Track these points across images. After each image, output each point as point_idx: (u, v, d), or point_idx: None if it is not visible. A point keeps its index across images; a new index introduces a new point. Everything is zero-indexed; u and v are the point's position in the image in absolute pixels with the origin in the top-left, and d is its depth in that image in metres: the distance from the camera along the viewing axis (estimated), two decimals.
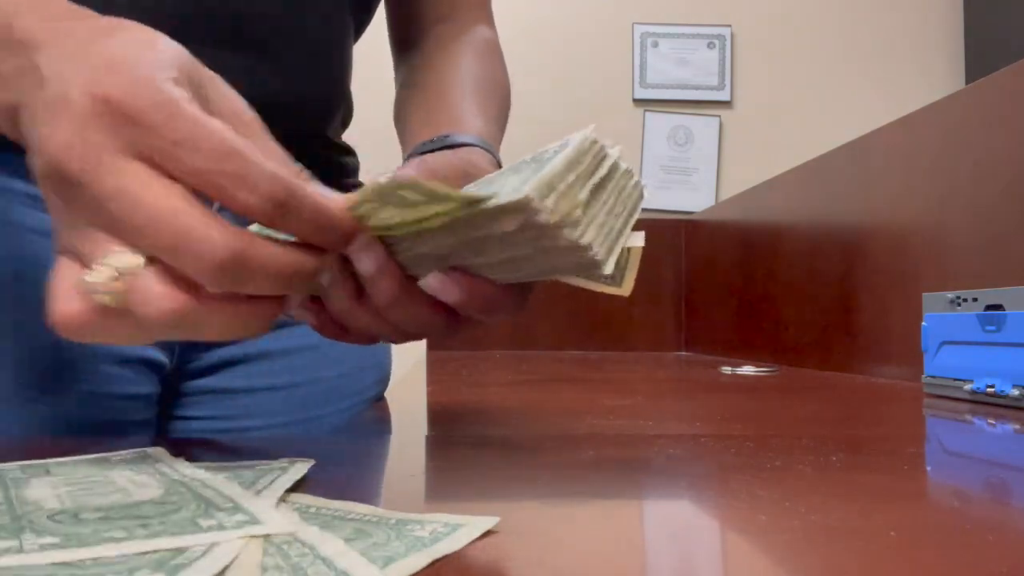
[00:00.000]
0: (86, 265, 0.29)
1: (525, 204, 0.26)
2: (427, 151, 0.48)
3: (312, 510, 0.25)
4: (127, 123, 0.27)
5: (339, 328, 0.37)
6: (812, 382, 0.91)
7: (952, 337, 0.68)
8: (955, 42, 2.62)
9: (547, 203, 0.27)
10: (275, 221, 0.28)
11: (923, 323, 0.72)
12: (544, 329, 1.68)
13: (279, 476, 0.29)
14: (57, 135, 0.27)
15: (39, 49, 0.30)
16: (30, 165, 0.29)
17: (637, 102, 2.64)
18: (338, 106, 0.65)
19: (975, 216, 0.78)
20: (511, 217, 0.27)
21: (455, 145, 0.48)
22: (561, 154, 0.28)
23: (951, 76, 2.61)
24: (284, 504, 0.26)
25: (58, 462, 0.33)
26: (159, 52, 0.29)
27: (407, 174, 0.28)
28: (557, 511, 0.28)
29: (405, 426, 0.58)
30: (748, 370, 1.08)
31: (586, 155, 0.29)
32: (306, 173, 0.30)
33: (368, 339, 0.38)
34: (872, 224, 0.99)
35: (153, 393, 0.58)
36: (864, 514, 0.26)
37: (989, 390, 0.62)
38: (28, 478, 0.30)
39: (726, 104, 2.65)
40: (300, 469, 0.31)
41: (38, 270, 0.35)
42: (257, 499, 0.26)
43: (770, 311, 1.32)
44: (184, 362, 0.60)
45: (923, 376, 0.72)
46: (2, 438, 0.50)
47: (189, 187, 0.27)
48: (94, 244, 0.28)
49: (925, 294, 0.72)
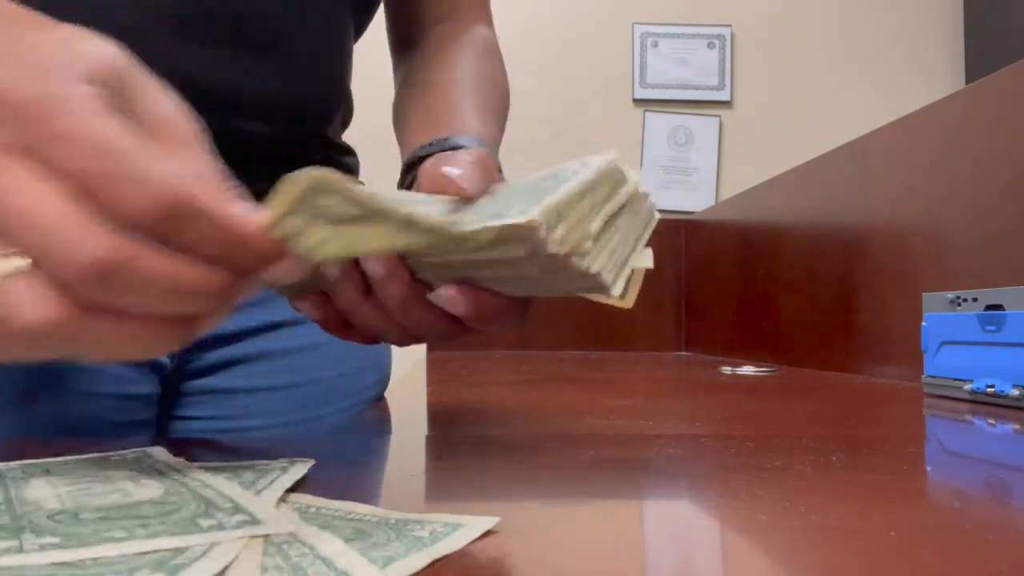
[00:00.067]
0: None
1: (532, 233, 0.26)
2: (426, 154, 0.48)
3: (312, 510, 0.25)
4: (11, 116, 0.25)
5: (343, 324, 0.37)
6: (812, 382, 0.91)
7: (952, 337, 0.68)
8: (955, 42, 2.62)
9: (556, 235, 0.26)
10: (167, 232, 0.25)
11: (923, 323, 0.72)
12: (544, 329, 1.68)
13: (279, 476, 0.29)
14: None
15: None
16: None
17: (637, 102, 2.64)
18: (338, 106, 0.65)
19: (975, 216, 0.78)
20: (519, 244, 0.27)
21: (454, 148, 0.48)
22: (578, 177, 0.27)
23: (951, 76, 2.61)
24: (284, 504, 0.26)
25: (58, 462, 0.33)
26: (71, 48, 0.27)
27: (326, 171, 0.25)
28: (557, 511, 0.28)
29: (405, 426, 0.58)
30: (748, 370, 1.08)
31: (605, 182, 0.28)
32: (238, 192, 0.27)
33: (371, 338, 0.37)
34: (872, 224, 0.99)
35: (153, 393, 0.58)
36: (864, 514, 0.26)
37: (989, 390, 0.62)
38: (28, 478, 0.30)
39: (726, 104, 2.65)
40: (300, 469, 0.31)
41: None
42: (257, 499, 0.26)
43: (770, 311, 1.32)
44: (184, 362, 0.60)
45: (923, 376, 0.72)
46: (2, 438, 0.50)
47: (75, 187, 0.24)
48: None
49: (925, 294, 0.72)
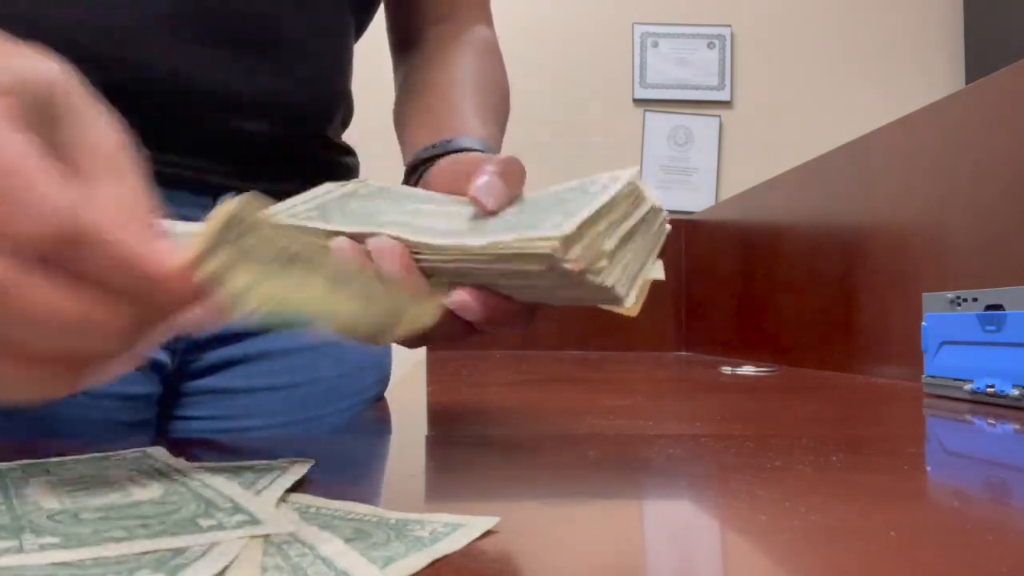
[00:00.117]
0: None
1: (550, 255, 0.27)
2: (428, 157, 0.48)
3: (312, 510, 0.25)
4: None
5: None
6: (812, 382, 0.91)
7: (952, 337, 0.68)
8: (955, 42, 2.62)
9: (572, 254, 0.27)
10: (62, 262, 0.23)
11: (923, 323, 0.72)
12: (544, 329, 1.68)
13: (279, 476, 0.29)
14: None
15: None
16: None
17: (637, 102, 2.64)
18: (338, 106, 0.65)
19: (975, 216, 0.78)
20: (536, 263, 0.28)
21: (456, 150, 0.48)
22: (599, 198, 0.29)
23: (951, 76, 2.61)
24: (284, 504, 0.26)
25: (58, 462, 0.33)
26: (1, 60, 0.25)
27: (251, 199, 0.24)
28: (557, 511, 0.28)
29: (405, 426, 0.58)
30: (748, 370, 1.08)
31: (623, 200, 0.29)
32: (165, 226, 0.26)
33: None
34: (872, 224, 0.99)
35: (153, 393, 0.58)
36: (864, 514, 0.26)
37: (989, 390, 0.62)
38: (28, 478, 0.30)
39: (726, 104, 2.65)
40: (300, 469, 0.31)
41: None
42: (257, 499, 0.26)
43: (770, 311, 1.32)
44: (185, 362, 0.60)
45: (923, 376, 0.72)
46: (2, 438, 0.50)
47: None
48: None
49: (925, 294, 0.72)
